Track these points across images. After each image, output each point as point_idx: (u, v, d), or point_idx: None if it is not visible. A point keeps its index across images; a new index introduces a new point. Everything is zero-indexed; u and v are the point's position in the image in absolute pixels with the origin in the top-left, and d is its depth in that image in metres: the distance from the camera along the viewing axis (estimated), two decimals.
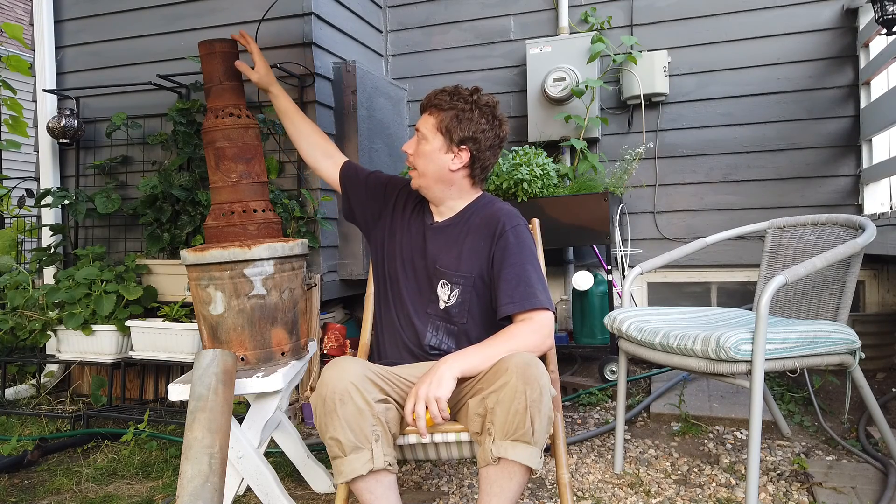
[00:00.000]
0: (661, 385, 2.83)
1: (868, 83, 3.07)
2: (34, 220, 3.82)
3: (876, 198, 3.09)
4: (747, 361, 1.65)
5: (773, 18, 3.25)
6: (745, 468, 2.01)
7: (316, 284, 2.83)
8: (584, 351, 3.18)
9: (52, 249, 3.24)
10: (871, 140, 3.06)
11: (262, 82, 2.01)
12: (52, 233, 3.27)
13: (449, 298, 1.71)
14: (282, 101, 2.03)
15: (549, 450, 1.64)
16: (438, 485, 2.09)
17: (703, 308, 2.26)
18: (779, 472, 2.07)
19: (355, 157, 3.06)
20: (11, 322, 2.96)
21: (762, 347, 1.63)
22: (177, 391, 1.69)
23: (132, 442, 2.46)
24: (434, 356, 1.67)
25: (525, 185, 2.92)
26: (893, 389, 2.68)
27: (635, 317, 2.02)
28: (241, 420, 1.82)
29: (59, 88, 3.41)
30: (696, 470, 2.13)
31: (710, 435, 2.42)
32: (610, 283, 2.99)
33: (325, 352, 2.91)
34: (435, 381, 1.43)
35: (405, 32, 3.82)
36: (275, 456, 2.30)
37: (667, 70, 3.31)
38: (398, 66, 3.84)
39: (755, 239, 3.15)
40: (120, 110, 3.18)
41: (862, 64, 3.10)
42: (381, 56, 3.80)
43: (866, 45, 3.07)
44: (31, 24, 3.43)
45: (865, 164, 3.10)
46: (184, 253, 1.84)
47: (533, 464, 1.40)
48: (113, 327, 2.83)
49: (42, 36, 3.39)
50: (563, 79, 3.30)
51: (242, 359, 1.80)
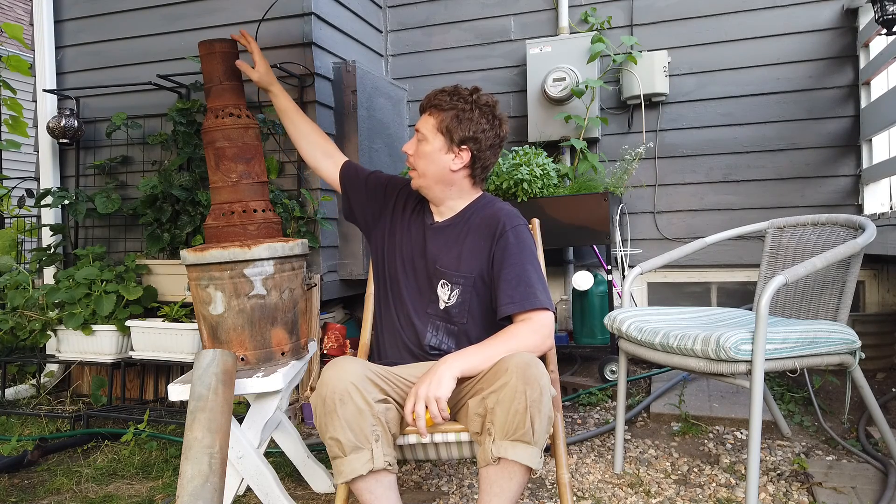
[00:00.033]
0: (661, 385, 2.83)
1: (868, 83, 3.07)
2: (34, 220, 3.82)
3: (876, 198, 3.09)
4: (747, 361, 1.65)
5: (772, 18, 3.25)
6: (745, 468, 2.01)
7: (316, 284, 2.83)
8: (584, 351, 3.18)
9: (52, 249, 3.24)
10: (871, 140, 3.06)
11: (263, 81, 2.01)
12: (52, 233, 3.27)
13: (449, 298, 1.71)
14: (282, 101, 2.03)
15: (549, 450, 1.64)
16: (438, 485, 2.09)
17: (703, 308, 2.26)
18: (779, 472, 2.07)
19: (355, 157, 3.06)
20: (11, 322, 2.96)
21: (762, 347, 1.63)
22: (177, 391, 1.70)
23: (132, 442, 2.46)
24: (434, 356, 1.67)
25: (525, 185, 2.92)
26: (893, 389, 2.68)
27: (635, 317, 2.02)
28: (241, 420, 1.82)
29: (59, 88, 3.41)
30: (696, 470, 2.13)
31: (710, 435, 2.42)
32: (610, 283, 2.99)
33: (325, 352, 2.91)
34: (435, 380, 1.43)
35: (405, 32, 3.82)
36: (275, 456, 2.30)
37: (667, 70, 3.31)
38: (398, 66, 3.84)
39: (755, 239, 3.15)
40: (120, 110, 3.18)
41: (862, 64, 3.10)
42: (381, 56, 3.80)
43: (866, 45, 3.07)
44: (31, 24, 3.43)
45: (865, 164, 3.10)
46: (184, 253, 1.84)
47: (533, 464, 1.40)
48: (113, 327, 2.84)
49: (42, 36, 3.39)
50: (563, 79, 3.30)
51: (242, 359, 1.80)
